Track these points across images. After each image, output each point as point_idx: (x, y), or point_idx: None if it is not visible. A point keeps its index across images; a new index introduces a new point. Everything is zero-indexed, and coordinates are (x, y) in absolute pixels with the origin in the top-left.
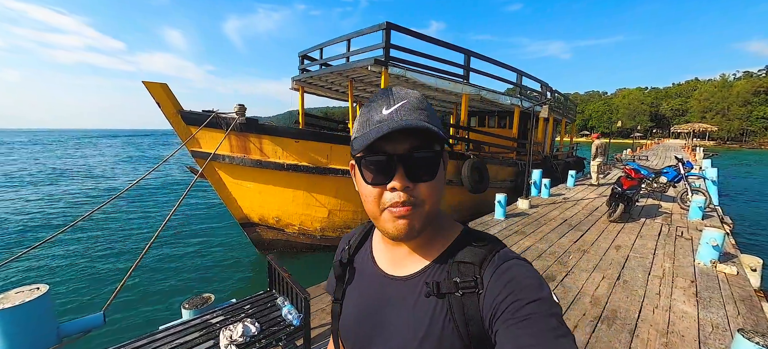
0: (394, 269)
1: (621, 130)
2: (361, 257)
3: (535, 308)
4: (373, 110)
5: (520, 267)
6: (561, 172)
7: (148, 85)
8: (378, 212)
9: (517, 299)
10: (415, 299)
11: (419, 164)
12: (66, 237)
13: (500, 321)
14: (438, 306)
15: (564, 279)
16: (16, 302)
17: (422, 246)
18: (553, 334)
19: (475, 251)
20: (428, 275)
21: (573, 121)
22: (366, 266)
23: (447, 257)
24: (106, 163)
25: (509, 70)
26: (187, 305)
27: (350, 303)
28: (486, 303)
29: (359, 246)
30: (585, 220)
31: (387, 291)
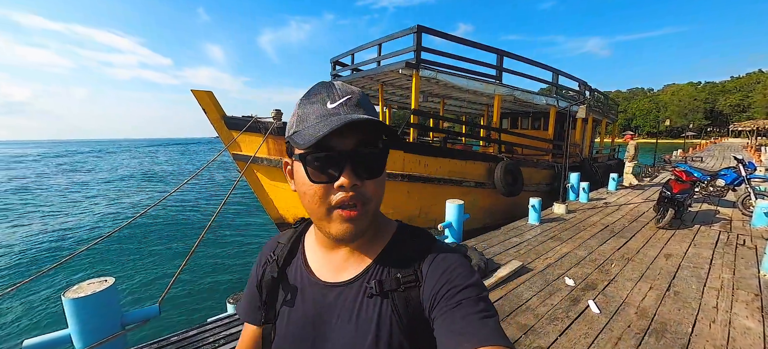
0: (334, 276)
1: (670, 129)
2: (293, 269)
3: (466, 294)
4: (314, 104)
5: (453, 257)
6: (601, 175)
7: (195, 93)
8: (323, 213)
9: (451, 287)
10: (359, 303)
11: (367, 161)
12: (128, 235)
13: (437, 309)
14: (383, 306)
15: (606, 288)
16: (89, 292)
17: (362, 247)
18: (480, 315)
19: (413, 246)
20: (370, 277)
21: (614, 121)
22: (301, 278)
23: (386, 255)
24: (161, 169)
25: (544, 69)
26: (232, 299)
27: (286, 322)
28: (425, 294)
29: (288, 258)
30: (629, 226)
31: (327, 300)
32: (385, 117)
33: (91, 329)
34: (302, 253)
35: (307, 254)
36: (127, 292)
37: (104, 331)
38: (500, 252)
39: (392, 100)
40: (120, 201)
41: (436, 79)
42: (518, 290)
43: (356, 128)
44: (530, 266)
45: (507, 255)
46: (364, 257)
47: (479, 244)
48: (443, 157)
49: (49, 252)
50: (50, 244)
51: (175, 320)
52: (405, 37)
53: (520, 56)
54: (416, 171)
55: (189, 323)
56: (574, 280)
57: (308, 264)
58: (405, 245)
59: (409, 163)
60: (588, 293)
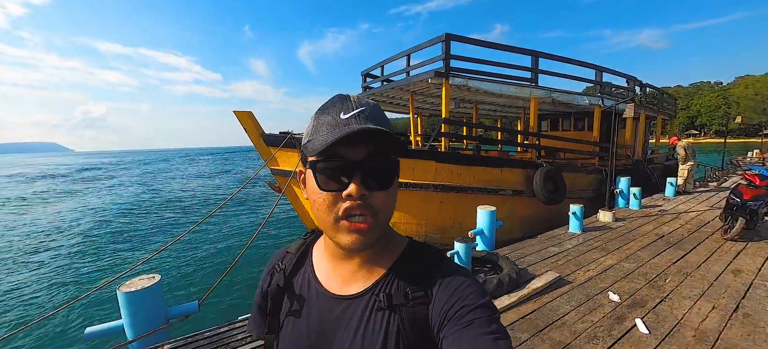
0: (341, 288)
1: (744, 127)
2: (300, 280)
3: (478, 314)
4: (329, 115)
5: (464, 277)
6: (658, 178)
7: (237, 114)
8: (331, 221)
9: (462, 306)
10: (367, 317)
11: (377, 172)
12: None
13: (447, 327)
14: (390, 320)
15: (657, 306)
16: (138, 288)
17: (371, 260)
18: (492, 337)
19: (423, 263)
20: (379, 290)
21: (672, 119)
22: (308, 288)
23: (396, 270)
24: (208, 178)
25: (586, 67)
26: None
27: (291, 333)
28: (434, 312)
29: (296, 268)
30: (689, 237)
31: (334, 313)
32: (416, 125)
33: (140, 321)
34: (310, 263)
35: (315, 265)
36: (171, 289)
37: (151, 323)
38: (536, 262)
39: (423, 109)
40: (173, 203)
41: (466, 86)
42: (554, 303)
43: (367, 139)
44: (569, 278)
45: (543, 265)
46: (373, 271)
47: (512, 253)
48: (476, 166)
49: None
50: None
51: (210, 317)
52: (433, 46)
53: (558, 56)
54: (449, 181)
55: (222, 320)
56: (620, 295)
57: (316, 275)
58: (415, 262)
59: (442, 173)
60: (635, 310)
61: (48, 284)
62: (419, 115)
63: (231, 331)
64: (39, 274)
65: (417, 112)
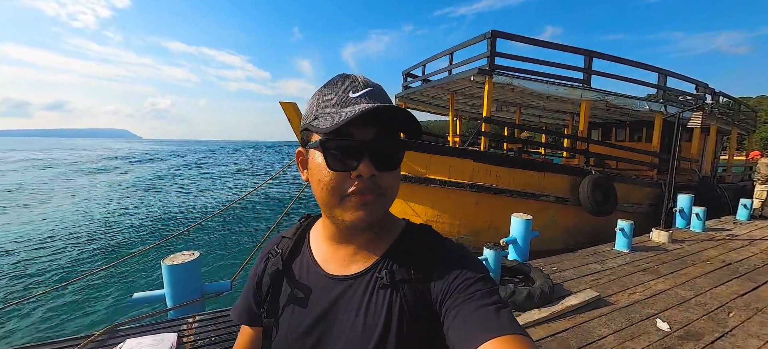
0: (341, 270)
1: None
2: (298, 264)
3: (479, 286)
4: (333, 93)
5: (463, 252)
6: (729, 199)
7: (283, 104)
8: (336, 201)
9: (464, 280)
10: (368, 296)
11: (386, 153)
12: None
13: (449, 301)
14: (392, 298)
15: (716, 341)
16: (181, 261)
17: (370, 242)
18: (495, 307)
19: (423, 242)
20: (380, 268)
21: (750, 134)
22: (307, 271)
23: (396, 249)
24: (253, 166)
25: (647, 70)
26: None
27: (291, 317)
28: (436, 287)
29: (293, 252)
30: (763, 267)
31: (334, 293)
32: (455, 127)
33: (179, 292)
34: (308, 247)
35: (313, 249)
36: (209, 265)
37: (188, 294)
38: (573, 278)
39: (463, 111)
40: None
41: (511, 86)
42: (591, 324)
43: (378, 118)
44: (610, 299)
45: (581, 282)
46: (373, 251)
47: (547, 265)
48: (517, 168)
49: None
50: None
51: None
52: (478, 43)
53: (615, 57)
54: (486, 181)
55: None
56: (670, 324)
57: (315, 258)
58: (415, 241)
59: (479, 173)
60: (688, 343)
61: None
62: (458, 117)
63: None
64: (105, 236)
65: (457, 114)
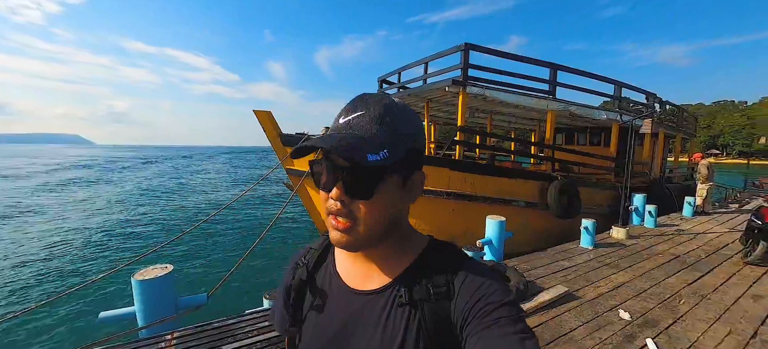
0: (362, 283)
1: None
2: (322, 275)
3: (503, 312)
4: (337, 116)
5: (488, 274)
6: (676, 197)
7: (257, 113)
8: (325, 218)
9: (486, 304)
10: (387, 312)
11: (354, 181)
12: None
13: (470, 326)
14: (411, 316)
15: (670, 327)
16: (152, 276)
17: (390, 258)
18: (519, 336)
19: (445, 259)
20: (399, 286)
21: (692, 138)
22: (329, 283)
23: (417, 266)
24: (222, 176)
25: (605, 82)
26: (268, 295)
27: (312, 325)
28: (458, 308)
29: (318, 263)
30: (707, 258)
31: (354, 307)
32: (430, 133)
33: (151, 309)
34: (332, 259)
35: (336, 260)
36: (183, 280)
37: (161, 311)
38: (544, 275)
39: (438, 117)
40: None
41: (483, 96)
42: (562, 318)
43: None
44: (578, 293)
45: (552, 279)
46: (393, 268)
47: (521, 264)
48: (490, 175)
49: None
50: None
51: (218, 310)
52: (452, 54)
53: (577, 69)
54: (462, 189)
55: (229, 313)
56: (631, 314)
57: (337, 270)
58: (437, 259)
59: (455, 181)
60: (647, 330)
61: (69, 266)
62: (433, 123)
63: (238, 323)
64: (59, 256)
65: (431, 120)
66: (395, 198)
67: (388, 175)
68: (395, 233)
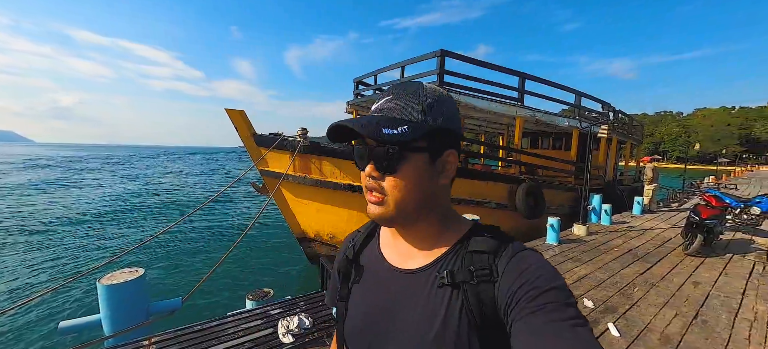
0: (405, 263)
1: (701, 154)
2: (368, 253)
3: (551, 297)
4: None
5: (534, 257)
6: (626, 198)
7: (229, 112)
8: (365, 194)
9: (532, 288)
10: (428, 291)
11: (380, 157)
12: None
13: (516, 310)
14: (452, 296)
15: (627, 312)
16: (120, 281)
17: (432, 237)
18: (570, 322)
19: (488, 241)
20: (441, 266)
21: (639, 144)
22: (374, 261)
23: (459, 247)
24: (189, 178)
25: (567, 91)
26: (251, 296)
27: (357, 301)
28: (501, 291)
29: (365, 243)
30: (654, 251)
31: (398, 285)
32: None
33: (120, 316)
34: (377, 239)
35: (381, 240)
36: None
37: (132, 319)
38: None
39: None
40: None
41: (457, 102)
42: None
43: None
44: None
45: None
46: (435, 248)
47: None
48: (464, 178)
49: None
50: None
51: (196, 313)
52: (428, 60)
53: (542, 79)
54: None
55: (208, 316)
56: (594, 302)
57: (381, 249)
58: (479, 241)
59: None
60: (608, 315)
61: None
62: None
63: (222, 325)
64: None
65: None
66: (423, 175)
67: (413, 152)
68: (434, 212)
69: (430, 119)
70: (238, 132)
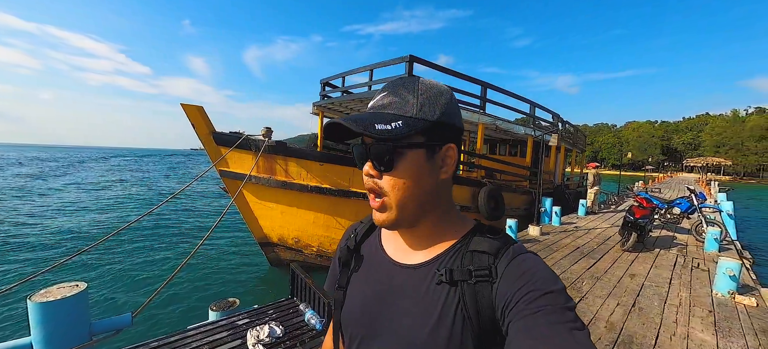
0: (404, 258)
1: (632, 162)
2: (368, 245)
3: (549, 300)
4: None
5: (534, 260)
6: (573, 201)
7: (185, 107)
8: None
9: (531, 290)
10: (425, 287)
11: (377, 154)
12: (108, 243)
13: (513, 312)
14: (450, 294)
15: (578, 304)
16: (57, 297)
17: (433, 235)
18: (568, 326)
19: (489, 241)
20: (440, 264)
21: (583, 152)
22: (374, 254)
23: (459, 246)
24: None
25: (523, 101)
26: (215, 307)
27: (355, 291)
28: (499, 293)
29: (367, 234)
30: (598, 248)
31: (396, 279)
32: None
33: (56, 337)
34: (379, 231)
35: (383, 233)
36: (102, 300)
37: (70, 340)
38: None
39: None
40: (104, 209)
41: None
42: None
43: None
44: None
45: None
46: (435, 245)
47: None
48: None
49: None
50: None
51: (151, 329)
52: (397, 65)
53: (502, 89)
54: None
55: (166, 331)
56: None
57: (382, 241)
58: (480, 241)
59: None
60: None
61: None
62: None
63: (183, 339)
64: None
65: None
66: (422, 172)
67: (409, 148)
68: (435, 210)
69: (426, 114)
70: (195, 130)
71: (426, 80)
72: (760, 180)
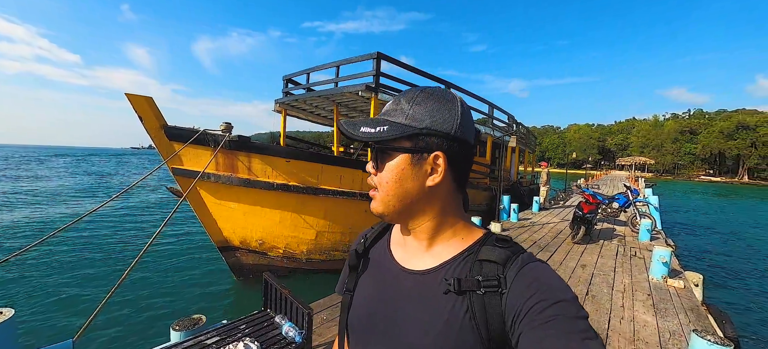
0: (412, 263)
1: (575, 161)
2: (377, 249)
3: (560, 310)
4: None
5: (544, 269)
6: (527, 198)
7: (130, 97)
8: None
9: (541, 300)
10: (432, 294)
11: (374, 156)
12: (37, 259)
13: (523, 322)
14: (457, 303)
15: None
16: None
17: (441, 242)
18: (580, 336)
19: (498, 251)
20: (448, 272)
21: (533, 152)
22: (382, 258)
23: (468, 254)
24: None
25: (482, 102)
26: (177, 326)
27: (363, 294)
28: (509, 303)
29: (377, 239)
30: (552, 241)
31: (403, 284)
32: (340, 137)
33: None
34: (389, 235)
35: (392, 237)
36: (34, 327)
37: None
38: None
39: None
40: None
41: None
42: None
43: None
44: None
45: None
46: (443, 252)
47: None
48: None
49: None
50: None
51: None
52: (365, 61)
53: (464, 89)
54: (366, 189)
55: None
56: None
57: (390, 246)
58: (489, 250)
59: (368, 183)
60: None
61: None
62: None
63: None
64: None
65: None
66: (405, 175)
67: (394, 151)
68: (430, 214)
69: (414, 121)
70: (143, 123)
71: (431, 89)
72: (675, 176)
